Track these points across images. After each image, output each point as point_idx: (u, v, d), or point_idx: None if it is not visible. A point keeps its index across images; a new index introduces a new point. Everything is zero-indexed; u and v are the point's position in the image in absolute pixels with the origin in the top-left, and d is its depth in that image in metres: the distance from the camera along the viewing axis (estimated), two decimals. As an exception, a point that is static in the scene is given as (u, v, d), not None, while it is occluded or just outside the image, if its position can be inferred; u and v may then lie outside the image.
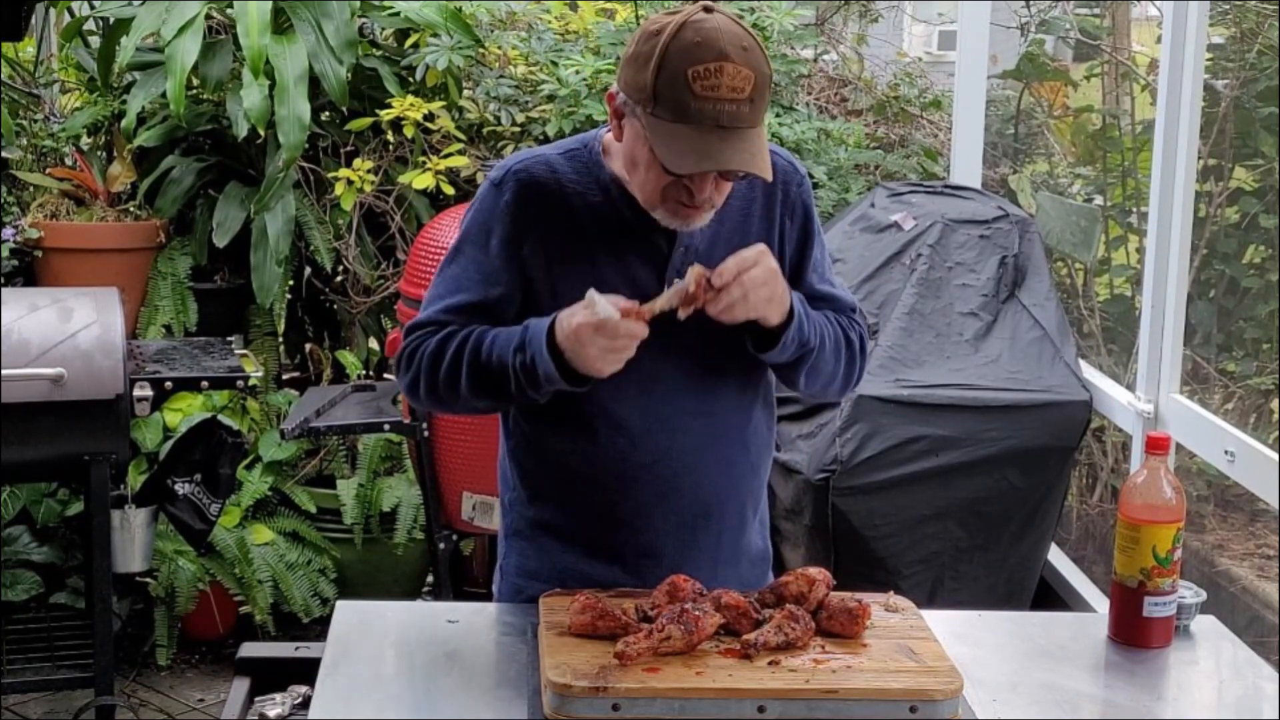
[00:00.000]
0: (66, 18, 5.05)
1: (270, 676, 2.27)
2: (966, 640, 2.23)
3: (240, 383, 3.89)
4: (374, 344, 5.03)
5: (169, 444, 4.22)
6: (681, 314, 2.14)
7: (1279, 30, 4.58)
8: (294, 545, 4.61)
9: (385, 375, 4.95)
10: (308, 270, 4.91)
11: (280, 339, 5.00)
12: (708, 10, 2.12)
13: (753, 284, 2.13)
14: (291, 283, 4.90)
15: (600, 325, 2.09)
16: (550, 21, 5.00)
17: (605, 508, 2.29)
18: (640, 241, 2.24)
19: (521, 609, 2.29)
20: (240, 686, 2.25)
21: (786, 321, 2.20)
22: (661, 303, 2.13)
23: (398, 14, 4.75)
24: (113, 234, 4.70)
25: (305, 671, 2.20)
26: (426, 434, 3.88)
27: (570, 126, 4.54)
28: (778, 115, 4.75)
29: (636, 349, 2.15)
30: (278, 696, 2.20)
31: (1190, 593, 2.31)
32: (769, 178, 2.15)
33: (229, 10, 4.59)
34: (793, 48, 5.26)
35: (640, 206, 2.22)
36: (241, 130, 4.49)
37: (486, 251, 2.26)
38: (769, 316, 2.17)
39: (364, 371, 4.86)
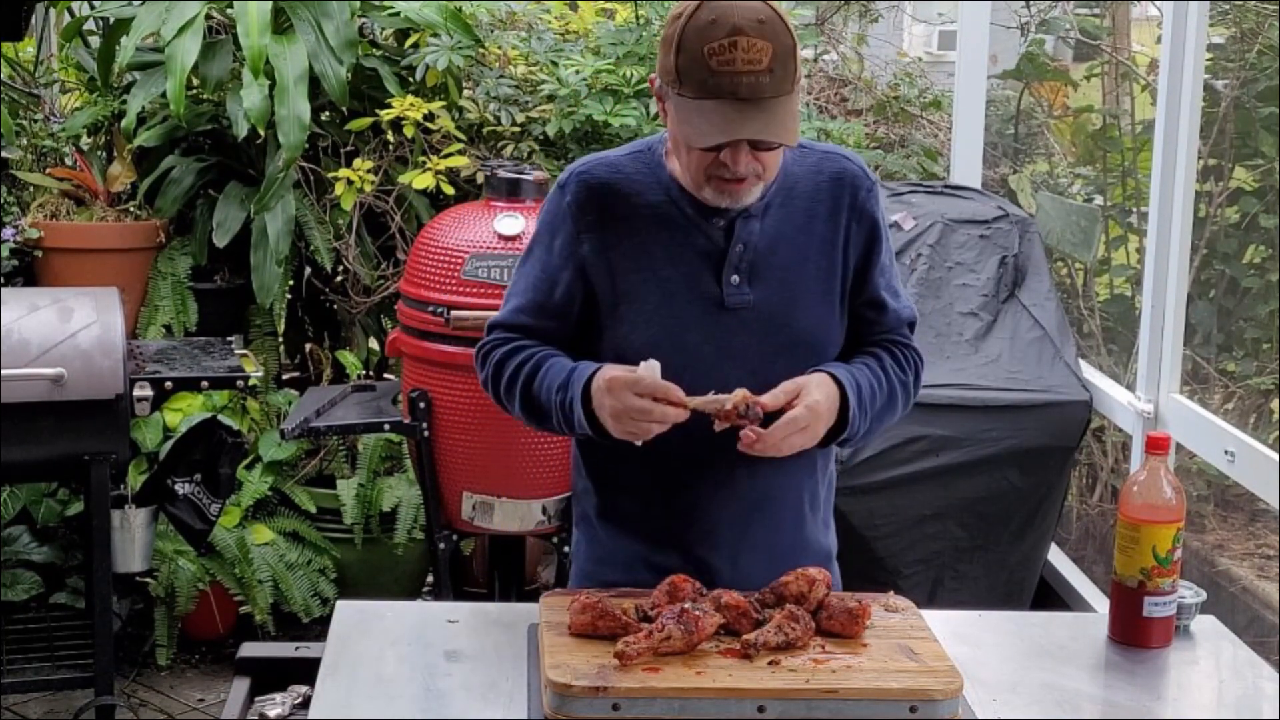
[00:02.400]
0: (66, 18, 5.05)
1: (270, 676, 2.27)
2: (966, 640, 2.23)
3: (240, 383, 3.89)
4: (374, 344, 5.03)
5: (169, 444, 4.22)
6: (717, 426, 2.16)
7: (1279, 30, 4.58)
8: (294, 545, 4.61)
9: (385, 375, 4.95)
10: (308, 270, 4.91)
11: (280, 339, 5.00)
12: None
13: (788, 442, 2.18)
14: (291, 283, 4.90)
15: (635, 381, 2.14)
16: (550, 21, 5.00)
17: (664, 498, 2.33)
18: (698, 237, 2.28)
19: (522, 609, 2.29)
20: (240, 686, 2.25)
21: (836, 434, 2.25)
22: (698, 402, 2.15)
23: (398, 14, 4.75)
24: (113, 234, 4.70)
25: (305, 671, 2.20)
26: (426, 434, 3.88)
27: (570, 126, 4.54)
28: (778, 115, 4.74)
29: (698, 347, 2.23)
30: (278, 696, 2.20)
31: (1190, 593, 2.31)
32: (793, 144, 2.21)
33: (229, 10, 4.58)
34: (793, 48, 5.25)
35: (699, 203, 2.27)
36: (241, 130, 4.49)
37: (551, 252, 2.33)
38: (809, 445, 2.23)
39: (364, 371, 4.86)
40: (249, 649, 2.35)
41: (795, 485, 2.37)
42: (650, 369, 2.15)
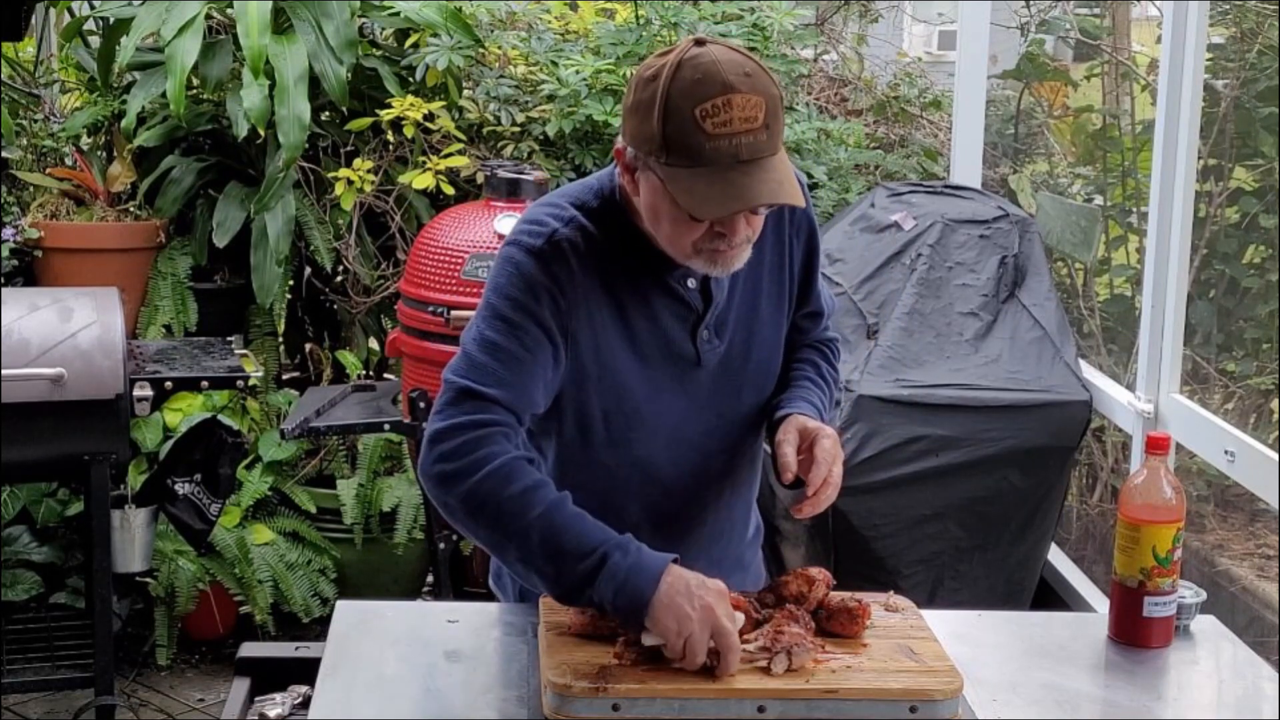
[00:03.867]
0: (66, 18, 5.05)
1: (270, 676, 2.27)
2: (966, 640, 2.22)
3: (240, 383, 3.89)
4: (374, 344, 5.03)
5: (169, 444, 4.22)
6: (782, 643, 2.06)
7: (1279, 30, 4.58)
8: (294, 545, 4.61)
9: (385, 375, 4.95)
10: (308, 270, 4.91)
11: (280, 339, 5.00)
12: (699, 44, 2.03)
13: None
14: (291, 283, 4.90)
15: (729, 641, 1.94)
16: (550, 21, 5.00)
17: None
18: (674, 303, 2.20)
19: (522, 609, 2.29)
20: (240, 686, 2.25)
21: None
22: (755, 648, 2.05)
23: (398, 14, 4.75)
24: (113, 234, 4.70)
25: (305, 671, 2.20)
26: (426, 434, 3.88)
27: (570, 126, 4.54)
28: (778, 115, 4.74)
29: (673, 403, 2.21)
30: (278, 696, 2.20)
31: (1190, 593, 2.31)
32: (801, 204, 2.08)
33: (229, 10, 4.59)
34: (793, 48, 5.26)
35: (672, 263, 2.15)
36: (241, 130, 4.49)
37: (538, 322, 2.12)
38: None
39: (364, 371, 4.86)
40: (249, 649, 2.35)
41: (746, 504, 2.42)
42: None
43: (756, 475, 2.42)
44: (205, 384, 3.87)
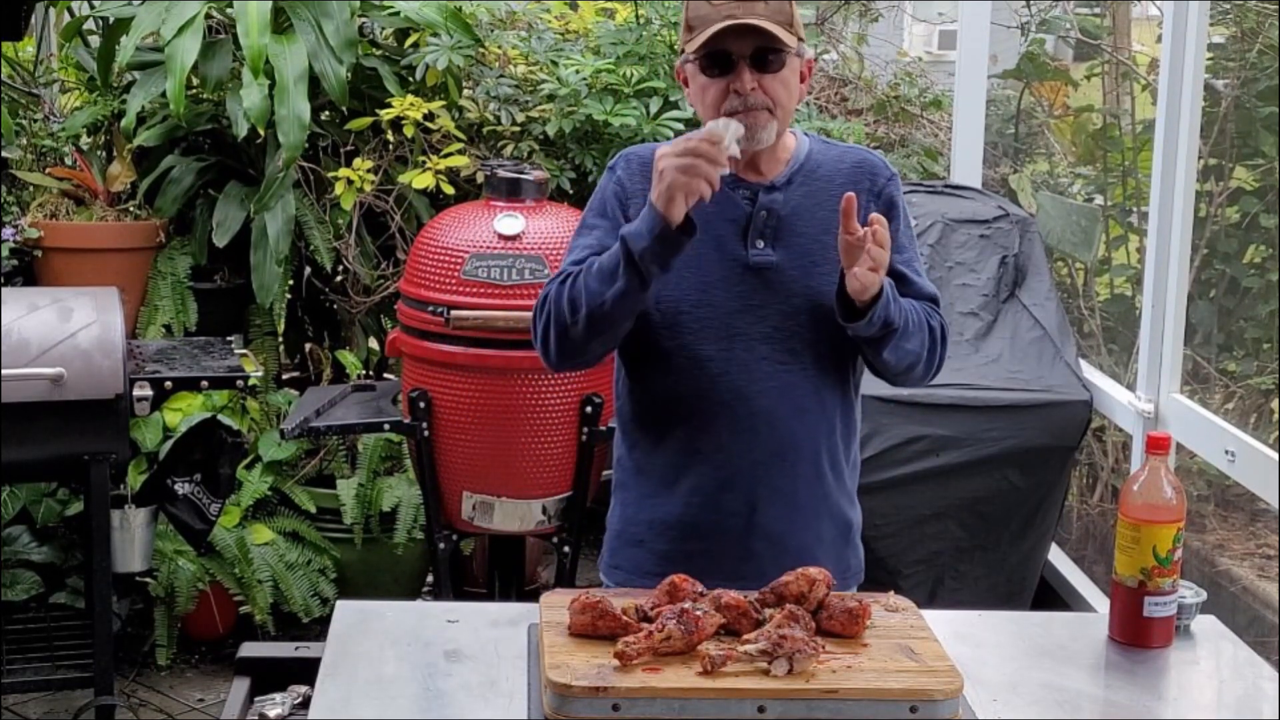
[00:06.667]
0: (66, 17, 5.05)
1: (270, 676, 2.27)
2: (966, 640, 2.22)
3: (240, 383, 3.89)
4: (374, 344, 5.03)
5: (169, 444, 4.22)
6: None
7: (1279, 30, 4.58)
8: (294, 545, 4.61)
9: (385, 375, 4.95)
10: (308, 270, 4.90)
11: (280, 339, 5.00)
12: None
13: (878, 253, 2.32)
14: (291, 283, 4.90)
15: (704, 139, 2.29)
16: (550, 21, 5.00)
17: (687, 441, 2.49)
18: (727, 207, 2.47)
19: (522, 609, 2.29)
20: (240, 686, 2.25)
21: (875, 299, 2.36)
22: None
23: (398, 14, 4.75)
24: (113, 234, 4.70)
25: (305, 671, 2.20)
26: (426, 434, 3.88)
27: (570, 126, 4.54)
28: (778, 115, 4.74)
29: (723, 302, 2.43)
30: (278, 696, 2.19)
31: (1190, 593, 2.31)
32: (790, 44, 2.40)
33: (229, 10, 4.58)
34: (793, 47, 5.25)
35: (728, 178, 2.44)
36: (241, 130, 4.49)
37: (604, 216, 2.55)
38: (866, 285, 2.33)
39: (364, 371, 4.86)
40: (249, 649, 2.35)
41: (813, 438, 2.52)
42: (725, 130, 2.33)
43: (831, 430, 2.54)
44: (205, 384, 3.87)
